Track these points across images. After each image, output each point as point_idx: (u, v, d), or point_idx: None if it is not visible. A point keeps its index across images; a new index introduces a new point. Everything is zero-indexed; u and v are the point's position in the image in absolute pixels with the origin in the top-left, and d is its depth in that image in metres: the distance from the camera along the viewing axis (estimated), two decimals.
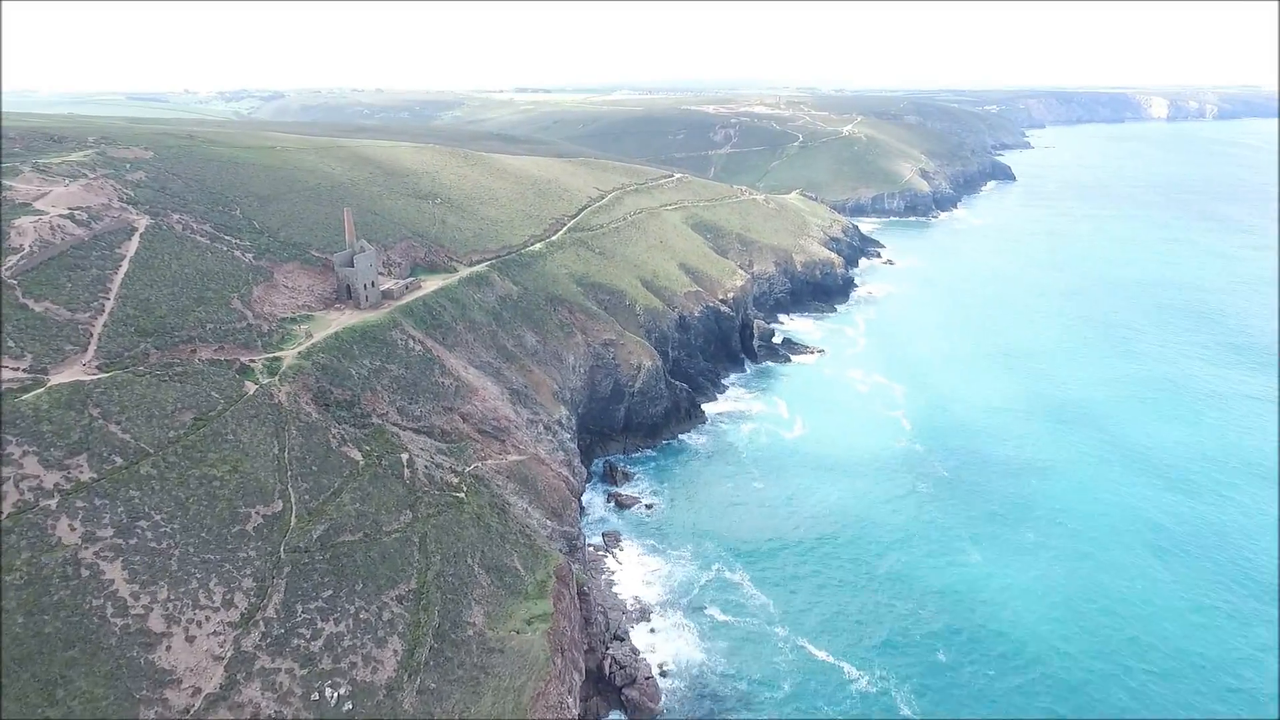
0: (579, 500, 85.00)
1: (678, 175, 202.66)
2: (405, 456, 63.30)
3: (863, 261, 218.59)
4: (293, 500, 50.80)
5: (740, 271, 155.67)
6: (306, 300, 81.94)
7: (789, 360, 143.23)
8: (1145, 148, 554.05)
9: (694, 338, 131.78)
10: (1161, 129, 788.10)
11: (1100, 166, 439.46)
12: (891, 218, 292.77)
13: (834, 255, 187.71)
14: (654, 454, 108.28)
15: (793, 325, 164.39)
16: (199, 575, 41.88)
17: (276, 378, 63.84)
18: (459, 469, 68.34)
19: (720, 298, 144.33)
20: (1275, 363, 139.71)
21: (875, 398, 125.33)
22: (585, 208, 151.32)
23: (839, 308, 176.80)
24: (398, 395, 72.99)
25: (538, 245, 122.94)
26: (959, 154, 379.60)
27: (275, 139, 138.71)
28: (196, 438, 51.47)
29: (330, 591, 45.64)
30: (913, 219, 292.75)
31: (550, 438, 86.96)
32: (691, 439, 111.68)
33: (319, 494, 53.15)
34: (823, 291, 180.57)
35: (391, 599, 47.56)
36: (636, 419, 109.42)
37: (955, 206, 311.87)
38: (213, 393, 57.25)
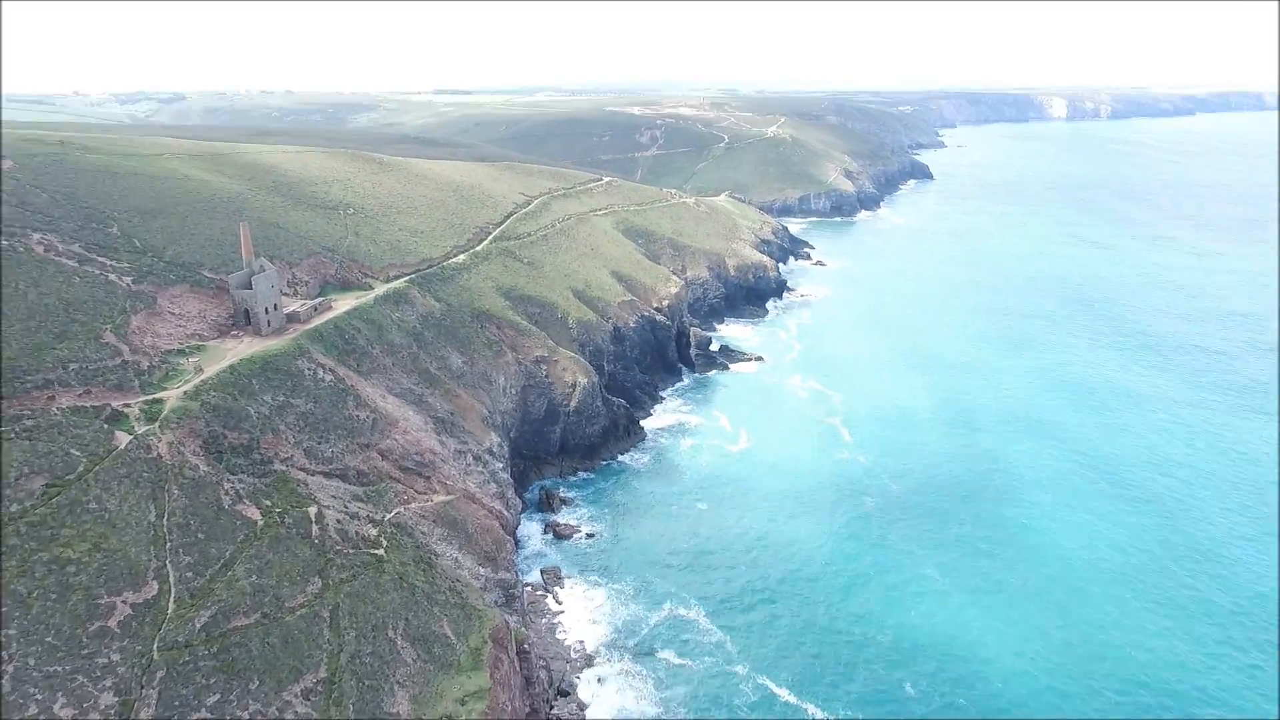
0: (514, 537, 78.29)
1: (606, 179, 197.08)
2: (313, 510, 55.50)
3: (793, 262, 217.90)
4: (171, 580, 42.74)
5: (674, 278, 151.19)
6: (197, 329, 72.61)
7: (727, 369, 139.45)
8: (1049, 147, 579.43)
9: (630, 349, 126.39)
10: (1062, 128, 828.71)
11: (1010, 165, 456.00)
12: (818, 218, 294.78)
13: (766, 258, 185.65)
14: (593, 476, 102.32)
15: (729, 331, 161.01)
16: (40, 697, 33.70)
17: (156, 424, 55.06)
18: (378, 517, 60.81)
19: (655, 306, 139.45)
20: (1171, 362, 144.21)
21: (815, 406, 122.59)
22: (511, 215, 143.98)
23: (773, 311, 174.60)
24: (305, 435, 64.79)
25: (461, 257, 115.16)
26: (880, 154, 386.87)
27: (165, 145, 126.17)
28: (47, 510, 42.76)
29: (217, 696, 38.00)
30: (839, 219, 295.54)
31: (481, 469, 79.92)
32: (632, 459, 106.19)
33: (205, 568, 45.12)
34: (756, 295, 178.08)
35: (296, 695, 40.21)
36: (573, 440, 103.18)
37: (879, 206, 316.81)
38: (72, 450, 48.33)
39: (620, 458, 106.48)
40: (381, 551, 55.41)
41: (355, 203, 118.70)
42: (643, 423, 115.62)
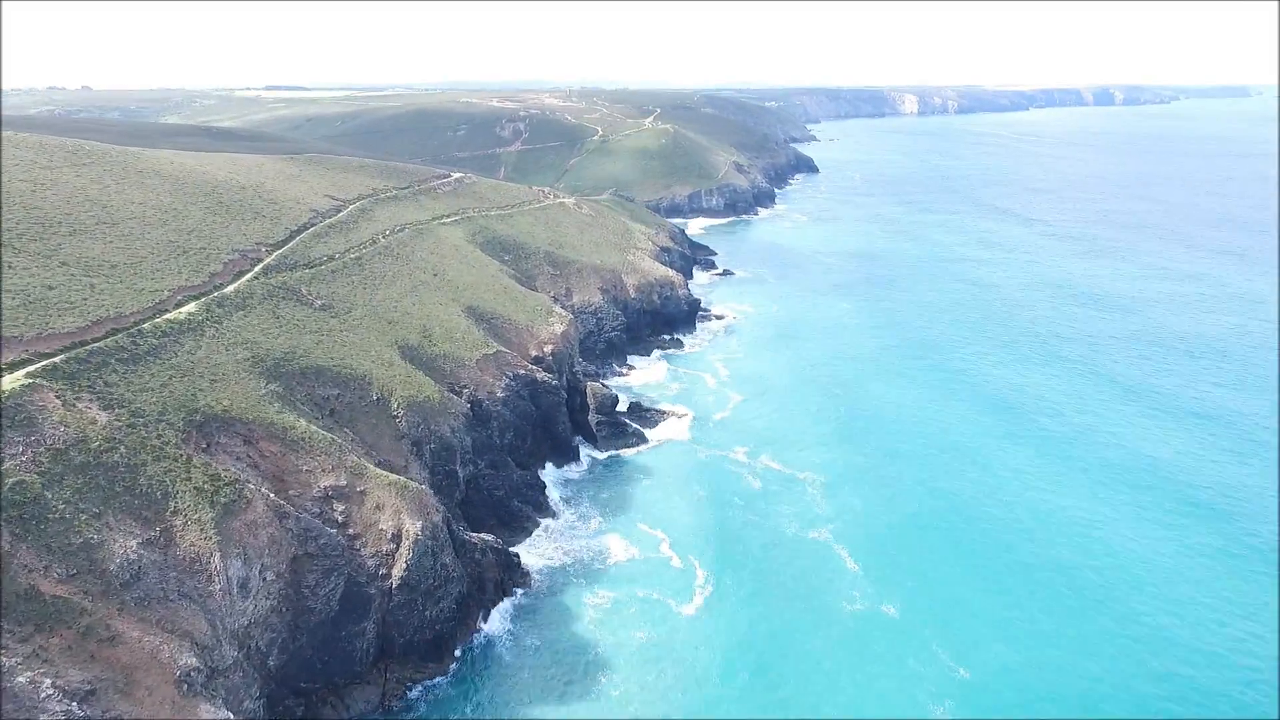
0: None
1: (458, 175, 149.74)
2: None
3: (699, 274, 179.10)
4: None
5: (558, 310, 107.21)
6: None
7: (643, 439, 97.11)
8: (916, 141, 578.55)
9: (499, 433, 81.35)
10: (916, 122, 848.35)
11: (886, 159, 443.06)
12: (713, 217, 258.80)
13: (672, 272, 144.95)
14: (442, 684, 57.26)
15: (637, 376, 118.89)
16: None
17: None
18: None
19: (535, 356, 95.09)
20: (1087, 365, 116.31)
21: (782, 501, 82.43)
22: (306, 228, 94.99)
23: (688, 342, 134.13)
24: None
25: (190, 307, 65.90)
26: (766, 146, 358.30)
27: None
28: None
29: None
30: (735, 218, 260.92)
31: None
32: (508, 642, 61.69)
33: None
34: (665, 321, 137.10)
35: None
36: (403, 635, 57.27)
37: (774, 202, 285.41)
38: None
39: (489, 635, 61.89)
40: None
41: None
42: (526, 553, 71.57)
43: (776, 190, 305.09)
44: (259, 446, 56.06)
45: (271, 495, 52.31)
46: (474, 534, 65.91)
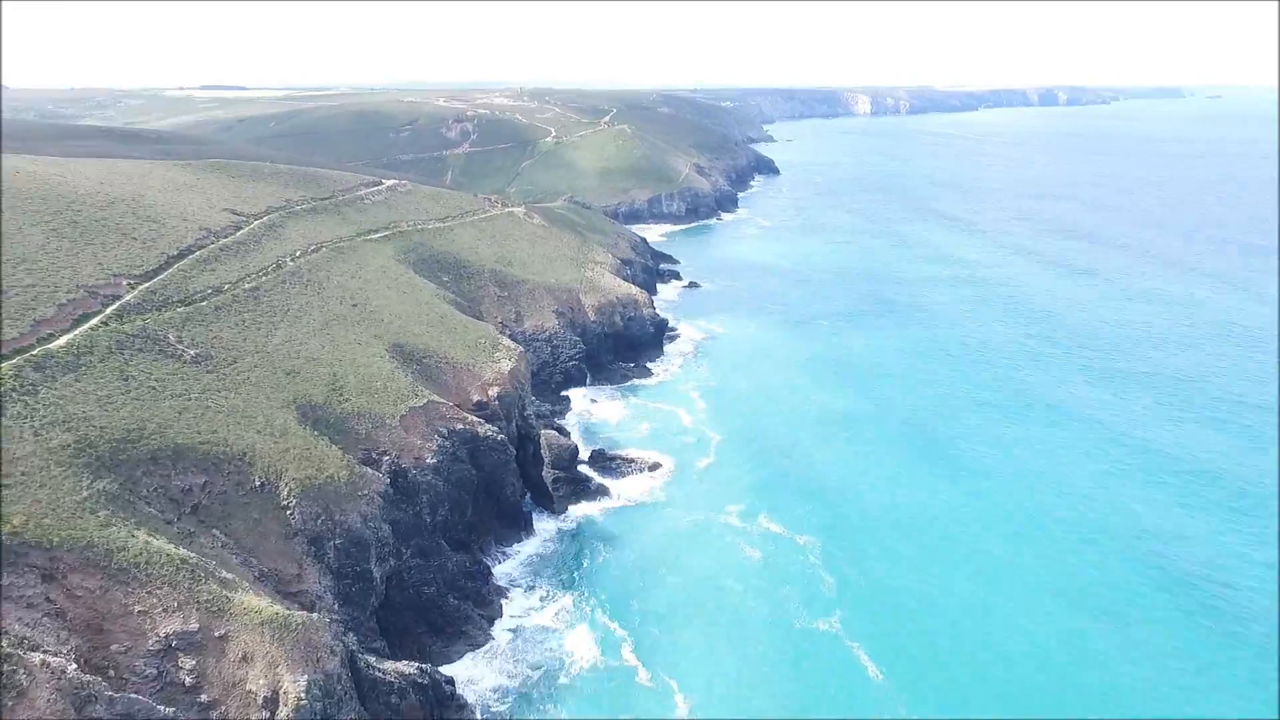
0: None
1: (390, 182, 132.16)
2: None
3: (663, 287, 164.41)
4: None
5: (506, 343, 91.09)
6: None
7: (607, 494, 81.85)
8: (873, 141, 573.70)
9: (428, 510, 65.03)
10: (870, 122, 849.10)
11: (845, 160, 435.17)
12: (674, 223, 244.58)
13: (635, 289, 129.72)
14: None
15: (600, 411, 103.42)
16: None
17: None
18: None
19: (477, 400, 78.95)
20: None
21: (780, 578, 67.82)
22: (190, 252, 77.25)
23: (656, 368, 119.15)
24: None
25: None
26: (726, 147, 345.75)
27: None
28: None
29: None
30: (697, 223, 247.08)
31: None
32: None
33: None
34: (629, 345, 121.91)
35: None
36: None
37: (736, 206, 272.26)
38: None
39: None
40: None
41: None
42: (466, 672, 55.80)
43: (738, 193, 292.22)
44: (66, 582, 39.22)
45: (72, 668, 35.54)
46: (389, 665, 49.66)
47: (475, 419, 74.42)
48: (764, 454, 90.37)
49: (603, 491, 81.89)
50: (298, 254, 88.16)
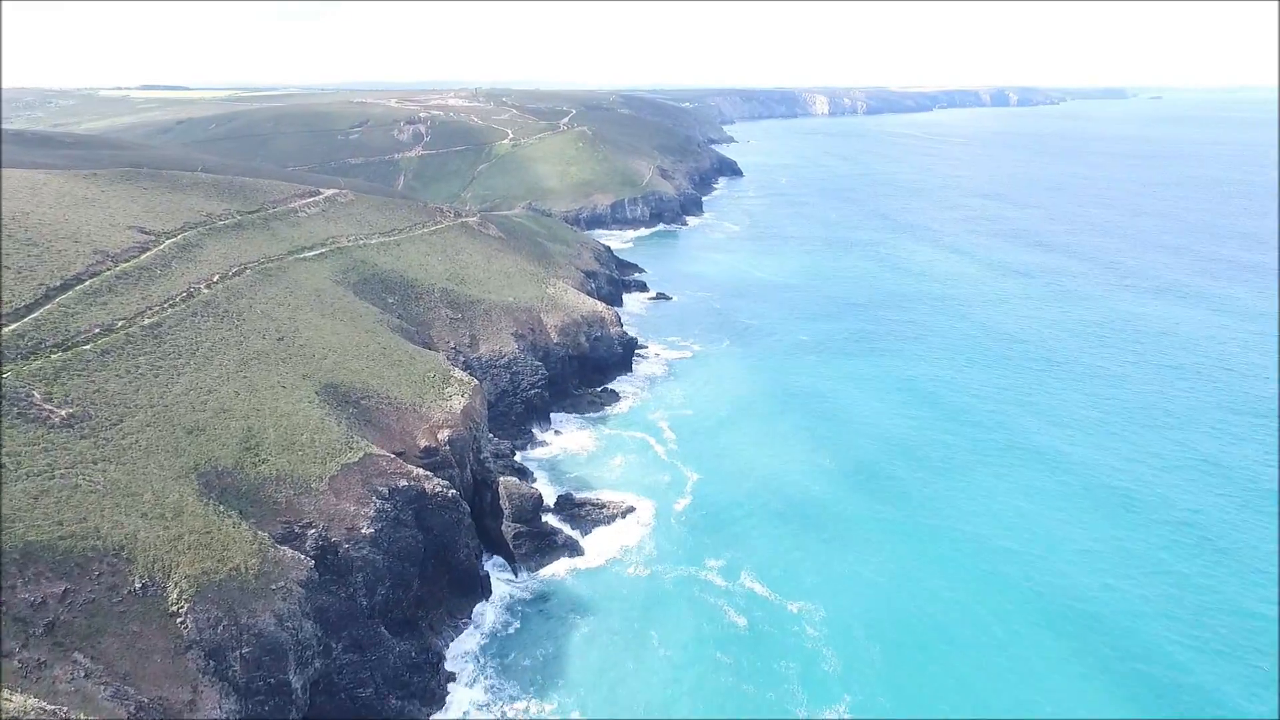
0: None
1: (330, 192, 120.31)
2: None
3: (629, 299, 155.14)
4: None
5: (458, 375, 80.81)
6: None
7: (580, 551, 72.25)
8: (834, 142, 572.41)
9: (364, 591, 54.72)
10: (828, 123, 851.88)
11: (808, 162, 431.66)
12: (638, 228, 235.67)
13: (601, 306, 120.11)
14: None
15: (565, 444, 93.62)
16: None
17: None
18: None
19: (425, 446, 68.75)
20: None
21: (778, 653, 59.10)
22: (78, 281, 65.51)
23: (626, 392, 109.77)
24: None
25: None
26: (689, 149, 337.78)
27: None
28: None
29: None
30: (661, 228, 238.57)
31: None
32: None
33: None
34: (596, 367, 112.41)
35: None
36: None
37: (702, 210, 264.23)
38: None
39: None
40: None
41: None
42: None
43: (703, 197, 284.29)
44: None
45: None
46: None
47: (422, 471, 64.15)
48: (744, 495, 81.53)
49: (572, 547, 72.20)
50: (215, 279, 76.76)
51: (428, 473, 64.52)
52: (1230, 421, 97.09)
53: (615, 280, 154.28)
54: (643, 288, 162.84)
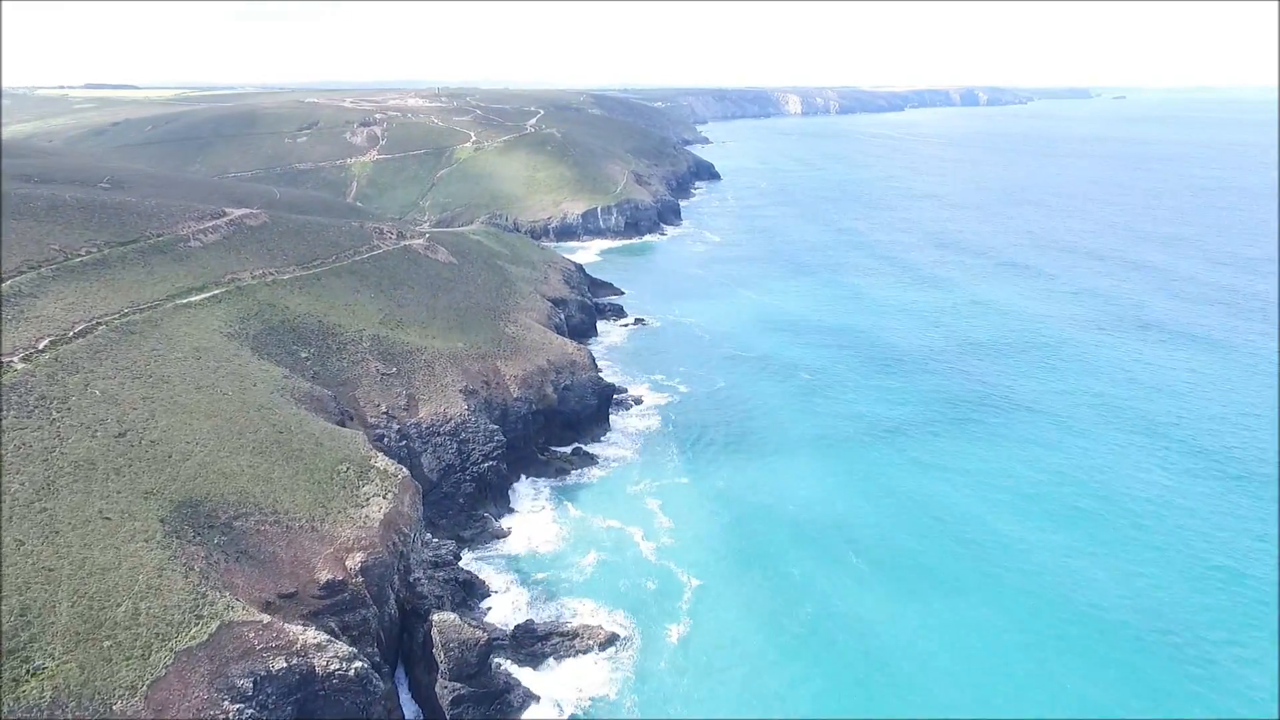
0: None
1: (239, 213, 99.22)
2: None
3: (604, 327, 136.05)
4: None
5: (381, 464, 61.03)
6: None
7: (539, 710, 53.18)
8: (808, 142, 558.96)
9: None
10: (801, 122, 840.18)
11: (785, 164, 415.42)
12: (612, 239, 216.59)
13: (572, 347, 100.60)
14: None
15: (525, 533, 73.98)
16: None
17: None
18: None
19: (328, 581, 49.05)
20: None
21: None
22: None
23: (603, 456, 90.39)
24: None
25: None
26: (664, 151, 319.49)
27: None
28: None
29: None
30: (638, 239, 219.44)
31: None
32: None
33: None
34: (566, 423, 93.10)
35: None
36: None
37: (680, 219, 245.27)
38: None
39: None
40: None
41: None
42: None
43: (681, 203, 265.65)
44: None
45: None
46: None
47: (312, 637, 44.51)
48: (760, 613, 63.03)
49: (528, 700, 53.01)
50: (43, 345, 56.33)
51: (322, 636, 44.92)
52: None
53: (588, 306, 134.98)
54: (620, 312, 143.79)
